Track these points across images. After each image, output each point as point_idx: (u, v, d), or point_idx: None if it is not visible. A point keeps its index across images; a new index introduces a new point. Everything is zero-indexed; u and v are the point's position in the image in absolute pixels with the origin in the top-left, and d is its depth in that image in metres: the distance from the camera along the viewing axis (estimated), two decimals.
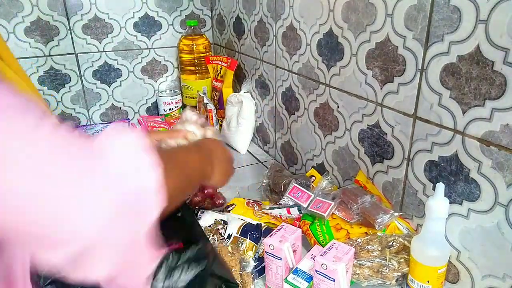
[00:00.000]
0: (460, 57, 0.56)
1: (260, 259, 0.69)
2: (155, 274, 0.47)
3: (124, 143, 0.41)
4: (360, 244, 0.65)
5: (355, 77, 0.77)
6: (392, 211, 0.68)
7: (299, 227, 0.76)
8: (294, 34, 0.94)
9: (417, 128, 0.65)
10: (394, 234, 0.66)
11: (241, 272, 0.66)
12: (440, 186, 0.56)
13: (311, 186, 0.86)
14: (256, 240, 0.71)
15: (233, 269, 0.64)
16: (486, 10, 0.51)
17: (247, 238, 0.71)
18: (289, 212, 0.79)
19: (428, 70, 0.61)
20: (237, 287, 0.58)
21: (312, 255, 0.64)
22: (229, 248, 0.70)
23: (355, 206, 0.71)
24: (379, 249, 0.64)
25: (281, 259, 0.62)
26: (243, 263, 0.68)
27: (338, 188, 0.85)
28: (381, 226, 0.67)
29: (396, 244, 0.64)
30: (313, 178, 0.91)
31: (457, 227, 0.62)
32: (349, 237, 0.69)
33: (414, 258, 0.60)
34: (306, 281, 0.60)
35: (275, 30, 1.02)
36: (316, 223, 0.73)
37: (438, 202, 0.56)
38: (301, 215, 0.78)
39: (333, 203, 0.73)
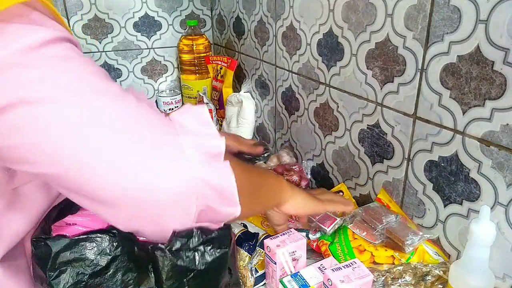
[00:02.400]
0: (460, 57, 0.56)
1: (256, 271, 0.67)
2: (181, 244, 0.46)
3: (192, 117, 0.45)
4: (392, 276, 0.60)
5: (355, 77, 0.77)
6: (422, 233, 0.64)
7: (317, 247, 0.72)
8: (294, 34, 0.94)
9: (417, 128, 0.65)
10: (430, 265, 0.61)
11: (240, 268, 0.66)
12: (485, 209, 0.49)
13: None
14: (251, 251, 0.69)
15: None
16: (486, 10, 0.51)
17: (241, 248, 0.69)
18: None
19: (428, 70, 0.61)
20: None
21: (321, 265, 0.61)
22: None
23: (379, 227, 0.67)
24: (413, 282, 0.59)
25: (275, 263, 0.61)
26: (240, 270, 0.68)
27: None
28: (410, 248, 0.62)
29: (432, 278, 0.59)
30: (341, 193, 0.84)
31: (457, 227, 0.62)
32: (374, 261, 0.64)
33: (453, 286, 0.53)
34: (300, 287, 0.58)
35: (275, 30, 1.02)
36: (336, 243, 0.68)
37: (483, 227, 0.49)
38: (309, 240, 0.73)
39: (338, 220, 0.69)
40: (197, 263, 0.46)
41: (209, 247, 0.46)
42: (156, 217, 0.41)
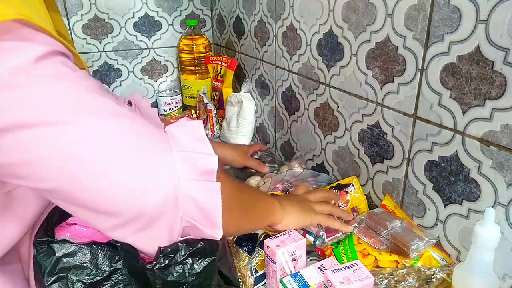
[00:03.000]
0: (460, 57, 0.56)
1: (256, 271, 0.67)
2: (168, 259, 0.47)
3: (187, 132, 0.46)
4: (396, 279, 0.59)
5: (355, 77, 0.77)
6: (427, 238, 0.63)
7: (322, 251, 0.71)
8: (294, 34, 0.94)
9: (417, 128, 0.65)
10: (434, 268, 0.60)
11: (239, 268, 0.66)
12: (490, 212, 0.47)
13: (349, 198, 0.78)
14: (250, 252, 0.69)
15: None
16: (486, 10, 0.51)
17: (240, 249, 0.69)
18: (304, 236, 0.71)
19: (428, 70, 0.61)
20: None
21: (322, 265, 0.61)
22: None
23: (384, 232, 0.67)
24: (417, 285, 0.58)
25: (275, 263, 0.61)
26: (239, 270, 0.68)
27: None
28: (415, 253, 0.61)
29: (436, 281, 0.58)
30: (352, 187, 0.80)
31: (457, 227, 0.62)
32: (377, 265, 0.63)
33: None
34: (300, 287, 0.58)
35: (275, 30, 1.02)
36: (340, 246, 0.68)
37: (488, 230, 0.48)
38: (315, 246, 0.72)
39: (339, 234, 0.69)
40: (187, 275, 0.47)
41: (197, 258, 0.47)
42: (144, 227, 0.42)
